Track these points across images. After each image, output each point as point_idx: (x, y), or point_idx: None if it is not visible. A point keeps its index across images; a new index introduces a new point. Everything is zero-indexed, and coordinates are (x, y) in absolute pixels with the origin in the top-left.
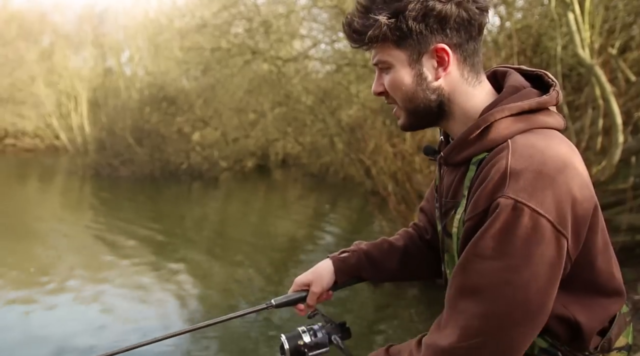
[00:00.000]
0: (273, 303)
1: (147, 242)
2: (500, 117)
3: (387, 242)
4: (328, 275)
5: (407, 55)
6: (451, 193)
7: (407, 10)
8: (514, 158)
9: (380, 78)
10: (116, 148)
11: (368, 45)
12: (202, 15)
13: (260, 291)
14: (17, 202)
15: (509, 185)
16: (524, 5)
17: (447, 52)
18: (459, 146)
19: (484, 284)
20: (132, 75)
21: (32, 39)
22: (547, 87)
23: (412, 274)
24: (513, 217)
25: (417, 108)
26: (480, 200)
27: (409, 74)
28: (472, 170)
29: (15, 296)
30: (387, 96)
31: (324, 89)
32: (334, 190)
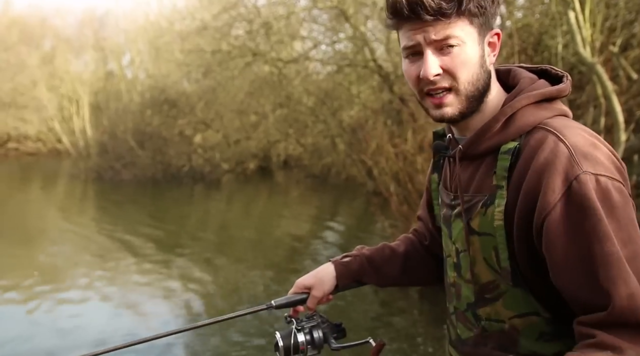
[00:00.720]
0: (273, 304)
1: (150, 244)
2: (526, 104)
3: (389, 247)
4: (330, 279)
5: (477, 32)
6: (474, 187)
7: None
8: (567, 137)
9: (438, 57)
10: (118, 152)
11: (447, 17)
12: (203, 17)
13: (262, 292)
14: (20, 206)
15: (580, 162)
16: (525, 4)
17: (499, 38)
18: (482, 136)
19: (623, 260)
20: (133, 78)
21: (33, 44)
22: (555, 79)
23: (412, 279)
24: (602, 191)
25: (477, 90)
26: (554, 187)
27: (477, 53)
28: (505, 159)
29: (18, 299)
30: (442, 79)
31: (325, 90)
32: (336, 191)
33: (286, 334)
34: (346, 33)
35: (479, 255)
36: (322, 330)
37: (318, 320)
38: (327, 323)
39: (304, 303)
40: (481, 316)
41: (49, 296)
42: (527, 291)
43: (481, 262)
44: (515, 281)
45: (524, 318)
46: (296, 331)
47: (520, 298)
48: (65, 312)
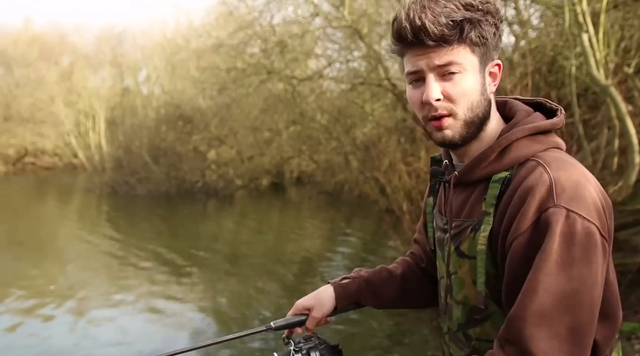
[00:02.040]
0: (272, 325)
1: (163, 260)
2: (520, 136)
3: (386, 269)
4: (329, 301)
5: (478, 62)
6: (465, 212)
7: (485, 20)
8: (553, 171)
9: (439, 83)
10: (133, 167)
11: (449, 44)
12: (219, 35)
13: (273, 309)
14: (36, 220)
15: (557, 195)
16: (539, 25)
17: (500, 69)
18: (477, 165)
19: (554, 302)
20: (149, 94)
21: (52, 60)
22: (549, 112)
23: (410, 302)
24: (568, 226)
25: (476, 118)
26: (527, 214)
27: (478, 81)
28: (495, 187)
29: (34, 313)
30: (442, 105)
31: (339, 108)
32: (348, 208)
33: (284, 355)
34: (360, 51)
35: (467, 277)
36: (320, 351)
37: (316, 341)
38: (324, 344)
39: (302, 325)
40: (471, 336)
41: (63, 310)
42: None
43: (470, 284)
44: (500, 303)
45: None
46: (294, 352)
47: None
48: (77, 326)
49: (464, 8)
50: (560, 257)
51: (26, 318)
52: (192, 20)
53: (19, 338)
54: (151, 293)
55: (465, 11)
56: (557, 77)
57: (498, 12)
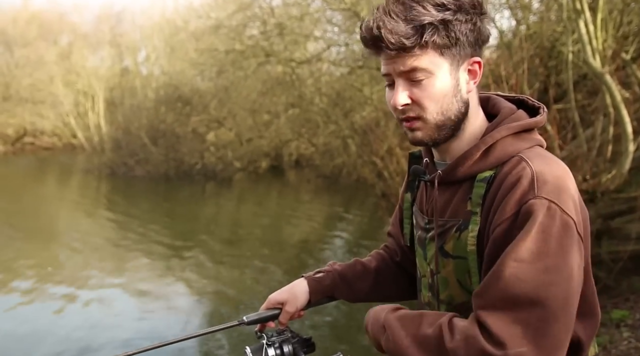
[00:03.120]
0: (245, 320)
1: (160, 242)
2: (505, 135)
3: (360, 263)
4: (303, 295)
5: (448, 63)
6: (450, 212)
7: (455, 20)
8: (535, 165)
9: (406, 88)
10: (131, 148)
11: (409, 51)
12: (218, 16)
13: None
14: (34, 201)
15: (539, 187)
16: (540, 8)
17: (480, 66)
18: (462, 164)
19: (526, 289)
20: (148, 75)
21: (51, 39)
22: (532, 109)
23: (384, 295)
24: (548, 217)
25: (448, 120)
26: (508, 205)
27: (448, 83)
28: (481, 186)
29: (31, 294)
30: (411, 108)
31: (338, 91)
32: (346, 192)
33: (256, 348)
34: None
35: (452, 277)
36: (292, 344)
37: (288, 334)
38: (297, 337)
39: (275, 319)
40: None
41: (61, 292)
42: None
43: (455, 283)
44: None
45: None
46: (267, 346)
47: None
48: (72, 309)
49: (433, 9)
50: (537, 247)
51: (18, 299)
52: (191, 1)
53: (13, 318)
54: (147, 275)
55: (435, 12)
56: (557, 62)
57: (475, 7)
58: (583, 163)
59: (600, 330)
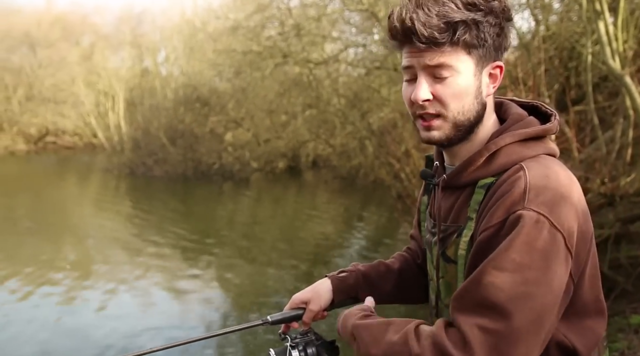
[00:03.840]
0: (269, 319)
1: (178, 242)
2: (510, 142)
3: (384, 264)
4: (326, 293)
5: (474, 64)
6: (452, 217)
7: (485, 21)
8: (532, 176)
9: (430, 83)
10: (150, 148)
11: (440, 46)
12: (236, 17)
13: (287, 294)
14: (55, 199)
15: (530, 198)
16: (560, 9)
17: (502, 71)
18: (465, 169)
19: (503, 298)
20: (167, 76)
21: (73, 40)
22: (545, 116)
23: (406, 297)
24: (535, 229)
25: (467, 120)
26: (497, 212)
27: (472, 83)
28: (480, 193)
29: (50, 291)
30: (432, 105)
31: (355, 92)
32: (363, 193)
33: (280, 351)
34: (379, 35)
35: (454, 282)
36: (317, 347)
37: (312, 337)
38: (321, 340)
39: (299, 319)
40: None
41: (78, 289)
42: None
43: (456, 289)
44: None
45: None
46: (290, 348)
47: None
48: (90, 307)
49: (464, 7)
50: (520, 257)
51: (36, 296)
52: (210, 2)
53: (32, 314)
54: (164, 273)
55: (465, 11)
56: (578, 63)
57: (504, 11)
58: (602, 166)
59: (618, 335)
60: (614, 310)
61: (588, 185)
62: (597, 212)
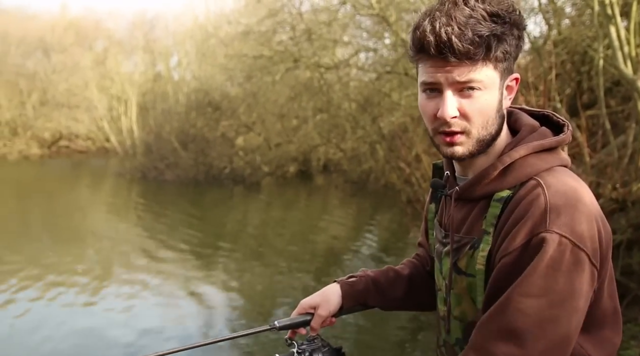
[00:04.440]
0: (276, 325)
1: (189, 246)
2: (524, 154)
3: (393, 270)
4: (335, 299)
5: (499, 78)
6: (465, 228)
7: (510, 34)
8: (551, 195)
9: (457, 100)
10: (162, 152)
11: (472, 61)
12: (248, 22)
13: (298, 299)
14: (68, 203)
15: (551, 220)
16: (572, 13)
17: (518, 82)
18: (479, 181)
19: (529, 324)
20: (179, 80)
21: (86, 45)
22: (556, 125)
23: (416, 303)
24: (559, 252)
25: (489, 135)
26: (519, 234)
27: (496, 98)
28: (496, 206)
29: (61, 293)
30: (456, 122)
31: (366, 96)
32: (374, 197)
33: None
34: (390, 39)
35: (465, 294)
36: (323, 354)
37: (319, 343)
38: (327, 347)
39: (307, 325)
40: None
41: (89, 292)
42: None
43: (468, 301)
44: None
45: None
46: (297, 354)
47: None
48: (99, 310)
49: (490, 19)
50: (545, 282)
51: (47, 300)
52: (222, 7)
53: (46, 316)
54: (175, 277)
55: (492, 23)
56: (590, 67)
57: (522, 22)
58: (613, 171)
59: (631, 342)
60: (626, 316)
61: (599, 191)
62: (609, 217)
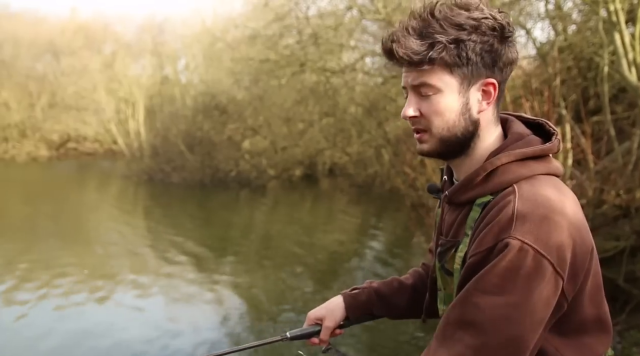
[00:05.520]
0: (288, 335)
1: (195, 248)
2: (506, 162)
3: (397, 280)
4: (339, 310)
5: (458, 82)
6: (452, 232)
7: (469, 40)
8: (521, 202)
9: (417, 101)
10: (169, 155)
11: (418, 66)
12: (255, 26)
13: (303, 304)
14: (75, 205)
15: (516, 227)
16: (578, 19)
17: (495, 88)
18: (464, 187)
19: (483, 318)
20: (187, 83)
21: (95, 48)
22: (548, 134)
23: (420, 312)
24: (518, 257)
25: (453, 137)
26: (486, 238)
27: (456, 102)
28: (476, 211)
29: (68, 295)
30: (419, 121)
31: (372, 101)
32: (379, 202)
33: None
34: None
35: (454, 294)
36: None
37: (335, 355)
38: None
39: (317, 335)
40: None
41: (96, 293)
42: None
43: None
44: None
45: None
46: None
47: None
48: (103, 311)
49: (450, 27)
50: (503, 282)
51: (55, 302)
52: (230, 11)
53: (52, 319)
54: (180, 280)
55: (450, 30)
56: (596, 73)
57: (496, 30)
58: (617, 178)
59: (633, 349)
60: (629, 323)
61: (603, 197)
62: (613, 223)
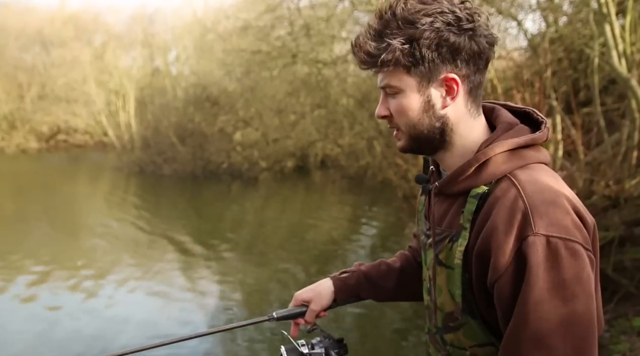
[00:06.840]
0: (275, 315)
1: (185, 241)
2: (499, 152)
3: (385, 263)
4: (328, 294)
5: (416, 81)
6: (446, 222)
7: (422, 38)
8: (527, 195)
9: (386, 101)
10: (160, 147)
11: (378, 68)
12: (246, 17)
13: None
14: (66, 197)
15: (535, 222)
16: (569, 11)
17: (457, 82)
18: (456, 178)
19: (552, 327)
20: (178, 75)
21: (85, 39)
22: (536, 123)
23: (408, 295)
24: (551, 252)
25: (421, 134)
26: (505, 247)
27: (417, 100)
28: (472, 202)
29: (62, 286)
30: (391, 120)
31: (364, 93)
32: (371, 193)
33: (291, 348)
34: None
35: (444, 285)
36: (324, 345)
37: (321, 335)
38: (329, 338)
39: (303, 316)
40: (447, 341)
41: (90, 286)
42: (484, 324)
43: (446, 292)
44: (473, 314)
45: (483, 348)
46: (300, 345)
47: (478, 330)
48: (96, 303)
49: (406, 26)
50: (550, 283)
51: (47, 293)
52: (221, 2)
53: (41, 311)
54: (171, 272)
55: (407, 30)
56: (587, 64)
57: (452, 24)
58: (607, 168)
59: (621, 337)
60: (617, 312)
61: (593, 188)
62: (602, 214)
